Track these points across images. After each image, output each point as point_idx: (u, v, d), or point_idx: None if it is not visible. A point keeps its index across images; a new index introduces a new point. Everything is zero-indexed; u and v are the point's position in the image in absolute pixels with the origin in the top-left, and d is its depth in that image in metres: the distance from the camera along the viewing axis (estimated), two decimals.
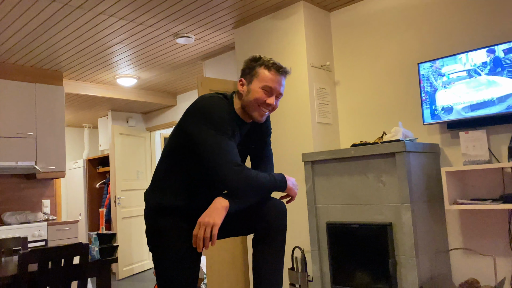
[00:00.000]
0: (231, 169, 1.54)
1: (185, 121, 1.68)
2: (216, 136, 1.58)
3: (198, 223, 1.54)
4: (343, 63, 3.52)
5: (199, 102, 1.66)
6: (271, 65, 1.70)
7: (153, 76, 5.37)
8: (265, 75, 1.69)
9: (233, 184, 1.55)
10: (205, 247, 1.52)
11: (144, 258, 6.47)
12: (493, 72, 2.58)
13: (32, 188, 4.76)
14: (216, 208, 1.55)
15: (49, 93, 4.68)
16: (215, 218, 1.53)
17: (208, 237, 1.52)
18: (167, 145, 1.76)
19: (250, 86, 1.70)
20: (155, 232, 1.72)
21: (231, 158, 1.56)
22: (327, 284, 2.88)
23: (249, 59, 1.75)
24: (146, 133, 6.89)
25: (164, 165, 1.74)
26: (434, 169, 2.83)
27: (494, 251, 2.68)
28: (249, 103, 1.69)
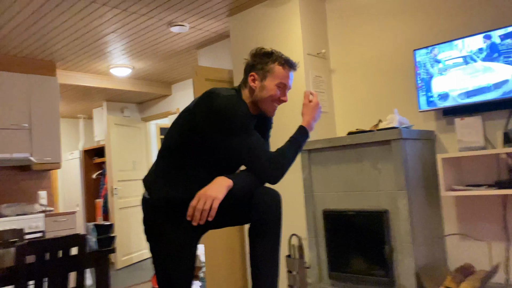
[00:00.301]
0: (271, 168, 1.61)
1: (204, 121, 1.62)
2: (249, 139, 1.60)
3: (198, 195, 1.52)
4: (338, 50, 3.50)
5: (219, 102, 1.60)
6: (285, 61, 1.72)
7: (148, 66, 5.33)
8: (280, 72, 1.70)
9: (275, 178, 1.63)
10: (201, 220, 1.51)
11: (143, 248, 6.50)
12: (489, 58, 2.58)
13: (28, 180, 4.75)
14: (219, 184, 1.55)
15: (42, 84, 4.64)
16: (217, 193, 1.52)
17: (207, 210, 1.50)
18: (175, 137, 1.71)
19: (264, 83, 1.70)
20: (153, 222, 1.71)
21: (267, 156, 1.62)
22: (324, 270, 2.90)
23: (260, 53, 1.73)
24: (141, 123, 6.87)
25: (174, 157, 1.70)
26: (429, 155, 2.84)
27: (489, 237, 2.70)
28: (263, 99, 1.71)
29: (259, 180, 1.64)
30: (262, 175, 1.62)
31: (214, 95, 1.63)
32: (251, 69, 1.73)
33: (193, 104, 1.71)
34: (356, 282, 2.71)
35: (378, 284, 2.61)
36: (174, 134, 1.72)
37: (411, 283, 2.47)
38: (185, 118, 1.70)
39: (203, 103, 1.65)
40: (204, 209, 1.50)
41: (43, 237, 4.25)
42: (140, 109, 7.09)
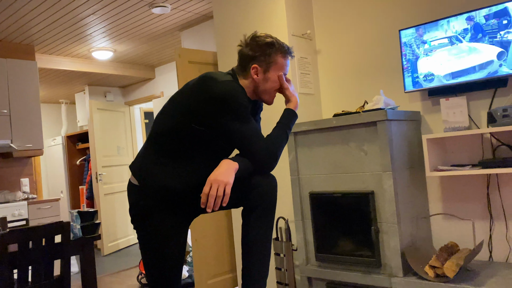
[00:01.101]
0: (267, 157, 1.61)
1: (201, 107, 1.58)
2: (247, 126, 1.60)
3: (209, 181, 1.49)
4: (324, 31, 3.46)
5: (217, 88, 1.56)
6: (286, 51, 1.72)
7: (130, 49, 5.22)
8: (282, 63, 1.72)
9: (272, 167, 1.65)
10: (215, 207, 1.50)
11: (129, 234, 6.47)
12: (474, 39, 2.57)
13: (9, 167, 4.65)
14: (227, 168, 1.53)
15: (21, 68, 4.51)
16: (228, 177, 1.51)
17: (221, 196, 1.49)
18: (169, 123, 1.65)
19: (268, 75, 1.70)
20: (143, 210, 1.67)
21: (263, 144, 1.62)
22: (311, 252, 2.92)
23: (262, 44, 1.69)
24: (125, 108, 6.76)
25: (167, 144, 1.64)
26: (415, 136, 2.85)
27: (473, 215, 2.74)
28: (266, 90, 1.72)
29: (255, 167, 1.63)
30: (257, 164, 1.62)
31: (212, 81, 1.59)
32: (252, 60, 1.68)
33: (188, 88, 1.65)
34: (343, 263, 2.74)
35: (364, 265, 2.64)
36: (167, 120, 1.66)
37: (396, 263, 2.50)
38: (179, 103, 1.64)
39: (199, 89, 1.60)
40: (218, 195, 1.48)
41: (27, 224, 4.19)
42: (123, 93, 6.98)
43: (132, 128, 6.80)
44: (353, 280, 2.66)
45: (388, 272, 2.55)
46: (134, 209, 1.69)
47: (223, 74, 1.67)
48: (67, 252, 2.32)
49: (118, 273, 4.92)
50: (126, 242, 6.44)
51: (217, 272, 3.70)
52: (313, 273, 2.87)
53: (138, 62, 5.91)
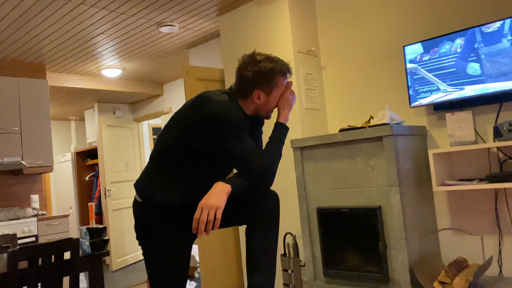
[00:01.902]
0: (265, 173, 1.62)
1: (197, 127, 1.61)
2: (243, 144, 1.60)
3: (200, 206, 1.50)
4: (329, 47, 3.51)
5: (212, 108, 1.59)
6: (286, 71, 1.74)
7: (138, 66, 5.30)
8: (283, 83, 1.74)
9: (269, 184, 1.65)
10: (207, 232, 1.49)
11: (137, 249, 6.48)
12: (480, 54, 2.59)
13: (19, 184, 4.71)
14: (218, 192, 1.53)
15: (32, 86, 4.60)
16: (219, 201, 1.50)
17: (212, 221, 1.48)
18: (169, 141, 1.68)
19: (270, 97, 1.72)
20: (147, 226, 1.69)
21: (259, 161, 1.62)
22: (319, 268, 2.91)
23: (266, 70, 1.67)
24: (133, 124, 6.83)
25: (168, 162, 1.68)
26: (421, 151, 2.85)
27: (482, 230, 2.72)
28: (268, 110, 1.75)
29: (252, 185, 1.63)
30: (254, 181, 1.62)
31: (207, 101, 1.61)
32: (253, 86, 1.68)
33: (186, 108, 1.68)
34: (351, 279, 2.72)
35: (372, 280, 2.62)
36: (167, 138, 1.69)
37: (405, 278, 2.48)
38: (178, 122, 1.68)
39: (195, 108, 1.63)
40: (208, 220, 1.48)
41: (36, 241, 4.22)
42: (132, 109, 7.06)
43: (141, 144, 6.86)
44: None
45: (397, 287, 2.53)
46: (138, 226, 1.71)
47: (219, 93, 1.68)
48: (76, 268, 2.34)
49: None
50: (135, 257, 6.44)
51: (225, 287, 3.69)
52: None
53: (146, 79, 6.00)
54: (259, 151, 1.66)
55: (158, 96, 6.47)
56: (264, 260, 1.69)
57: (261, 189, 1.65)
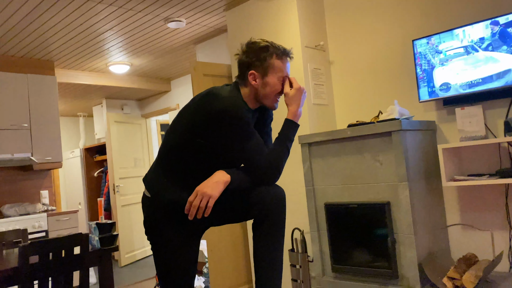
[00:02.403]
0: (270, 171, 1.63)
1: (203, 124, 1.61)
2: (249, 141, 1.60)
3: (196, 191, 1.54)
4: (337, 42, 3.48)
5: (219, 104, 1.58)
6: (282, 53, 1.69)
7: (146, 62, 5.32)
8: (279, 65, 1.69)
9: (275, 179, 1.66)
10: (198, 215, 1.53)
11: (146, 245, 6.52)
12: (491, 47, 2.56)
13: (29, 180, 4.75)
14: (216, 182, 1.55)
15: (41, 83, 4.63)
16: (214, 191, 1.53)
17: (203, 208, 1.52)
18: (176, 138, 1.68)
19: (266, 79, 1.68)
20: (154, 221, 1.71)
21: (266, 158, 1.63)
22: (327, 264, 2.91)
23: (256, 48, 1.68)
24: (141, 120, 6.86)
25: (175, 158, 1.68)
26: (430, 146, 2.83)
27: (492, 226, 2.70)
28: (267, 95, 1.70)
29: (257, 181, 1.64)
30: (259, 177, 1.63)
31: (214, 97, 1.60)
32: (249, 67, 1.68)
33: (193, 103, 1.67)
34: (359, 274, 2.72)
35: (381, 276, 2.61)
36: (174, 135, 1.70)
37: (414, 274, 2.47)
38: (185, 119, 1.67)
39: (202, 105, 1.62)
40: (200, 206, 1.51)
41: (46, 236, 4.26)
42: (140, 105, 7.08)
43: (149, 140, 6.88)
44: None
45: (405, 283, 2.52)
46: (147, 221, 1.72)
47: (226, 89, 1.67)
48: (85, 263, 2.36)
49: (135, 284, 4.95)
50: (143, 253, 6.49)
51: (233, 283, 3.70)
52: (329, 284, 2.86)
53: (154, 75, 6.01)
54: (266, 148, 1.66)
55: (165, 92, 6.49)
56: (269, 259, 1.69)
57: (266, 185, 1.65)
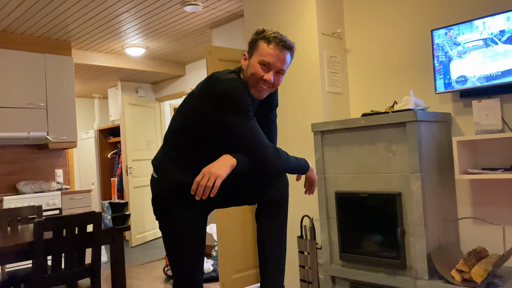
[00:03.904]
0: (271, 154, 1.61)
1: (205, 107, 1.61)
2: (248, 123, 1.58)
3: (203, 171, 1.54)
4: (354, 30, 3.44)
5: (219, 87, 1.58)
6: (272, 38, 1.62)
7: (162, 46, 5.32)
8: (264, 49, 1.62)
9: (274, 167, 1.63)
10: (204, 196, 1.54)
11: (156, 226, 6.61)
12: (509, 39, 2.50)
13: (45, 158, 4.84)
14: (223, 163, 1.56)
15: (58, 63, 4.68)
16: (221, 171, 1.54)
17: (210, 187, 1.52)
18: (180, 122, 1.71)
19: (250, 61, 1.66)
20: (162, 201, 1.74)
21: (267, 143, 1.62)
22: (335, 251, 2.92)
23: (255, 32, 1.68)
24: (155, 103, 6.90)
25: (179, 142, 1.70)
26: (445, 138, 2.80)
27: (504, 220, 2.68)
28: (247, 78, 1.66)
29: (258, 165, 1.63)
30: (260, 160, 1.61)
31: (215, 80, 1.61)
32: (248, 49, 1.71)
33: (197, 89, 1.69)
34: (367, 263, 2.73)
35: (389, 267, 2.62)
36: (179, 119, 1.72)
37: (422, 266, 2.47)
38: (189, 102, 1.70)
39: (204, 89, 1.63)
40: (207, 185, 1.52)
41: (60, 214, 4.35)
42: (154, 89, 7.12)
43: (162, 123, 6.93)
44: (377, 281, 2.65)
45: (413, 274, 2.53)
46: (155, 200, 1.76)
47: (227, 72, 1.66)
48: (98, 241, 2.41)
49: (145, 265, 5.04)
50: (154, 234, 6.59)
51: (242, 267, 3.75)
52: (337, 272, 2.87)
53: (169, 59, 6.02)
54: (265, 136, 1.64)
55: (180, 77, 6.50)
56: (272, 243, 1.74)
57: (264, 170, 1.64)
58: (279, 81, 1.69)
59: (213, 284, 4.01)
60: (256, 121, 1.63)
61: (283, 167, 1.66)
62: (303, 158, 1.79)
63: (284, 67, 1.66)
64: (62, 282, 2.28)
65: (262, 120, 1.83)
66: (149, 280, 4.35)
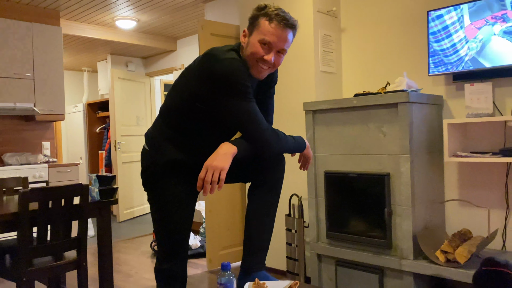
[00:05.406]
0: (270, 136, 1.58)
1: (203, 86, 1.56)
2: (248, 106, 1.53)
3: (205, 166, 1.49)
4: (350, 9, 3.39)
5: (219, 67, 1.51)
6: (274, 16, 1.53)
7: (153, 19, 5.21)
8: (265, 27, 1.54)
9: (273, 149, 1.60)
10: (211, 191, 1.49)
11: (145, 202, 6.60)
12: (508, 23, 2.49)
13: (32, 130, 4.76)
14: (224, 153, 1.51)
15: (46, 33, 4.56)
16: (224, 163, 1.49)
17: (216, 181, 1.48)
18: (177, 99, 1.66)
19: (250, 38, 1.58)
20: (152, 174, 1.71)
21: (266, 125, 1.58)
22: (322, 230, 2.94)
23: (255, 7, 1.60)
24: (145, 78, 6.80)
25: (175, 119, 1.67)
26: (436, 120, 2.80)
27: (489, 203, 2.71)
28: (247, 57, 1.58)
29: (257, 148, 1.59)
30: (259, 143, 1.57)
31: (213, 59, 1.54)
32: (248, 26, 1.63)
33: (194, 65, 1.64)
34: (353, 242, 2.76)
35: (375, 246, 2.65)
36: (174, 95, 1.68)
37: (408, 246, 2.50)
38: (186, 79, 1.64)
39: (201, 67, 1.57)
40: (212, 180, 1.47)
41: None
42: (144, 63, 7.00)
43: (152, 99, 6.84)
44: (362, 260, 2.68)
45: (398, 254, 2.56)
46: (145, 173, 1.73)
47: (226, 50, 1.58)
48: (85, 213, 2.39)
49: (132, 239, 5.05)
50: (142, 210, 6.58)
51: (229, 244, 3.77)
52: (323, 250, 2.90)
53: (160, 33, 5.91)
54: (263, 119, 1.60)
55: (171, 52, 6.39)
56: (262, 218, 1.73)
57: (265, 149, 1.61)
58: (280, 61, 1.62)
59: (200, 260, 4.04)
60: (255, 103, 1.58)
61: (281, 149, 1.64)
62: (300, 136, 1.76)
63: (285, 46, 1.59)
64: (48, 253, 2.26)
65: (261, 97, 1.78)
66: (136, 254, 4.36)
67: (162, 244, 1.74)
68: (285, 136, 1.66)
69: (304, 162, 1.84)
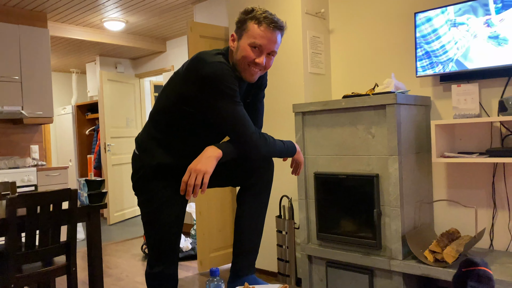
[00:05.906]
0: (257, 139, 1.58)
1: (191, 90, 1.57)
2: (234, 109, 1.54)
3: (189, 169, 1.50)
4: (338, 10, 3.41)
5: (205, 70, 1.52)
6: (263, 19, 1.55)
7: (142, 20, 5.18)
8: (254, 30, 1.55)
9: (260, 153, 1.61)
10: (194, 195, 1.50)
11: (135, 204, 6.57)
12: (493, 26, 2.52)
13: (19, 134, 4.71)
14: (208, 157, 1.52)
15: (33, 35, 4.51)
16: (207, 166, 1.50)
17: (199, 185, 1.49)
18: (166, 103, 1.66)
19: (239, 43, 1.59)
20: (142, 178, 1.71)
21: (253, 129, 1.59)
22: (312, 231, 2.96)
23: (243, 11, 1.60)
24: (135, 80, 6.76)
25: (164, 122, 1.67)
26: (424, 121, 2.83)
27: (477, 203, 2.74)
28: (238, 61, 1.59)
29: (244, 151, 1.60)
30: (246, 146, 1.58)
31: (200, 63, 1.54)
32: (235, 30, 1.64)
33: (182, 69, 1.64)
34: (343, 243, 2.77)
35: (364, 246, 2.67)
36: (163, 99, 1.69)
37: (397, 246, 2.53)
38: (174, 83, 1.65)
39: (189, 71, 1.58)
40: (196, 184, 1.48)
41: (36, 190, 4.27)
42: (134, 65, 6.96)
43: (142, 100, 6.81)
44: (352, 261, 2.70)
45: (388, 254, 2.58)
46: (135, 177, 1.74)
47: (214, 53, 1.59)
48: (73, 218, 2.38)
49: (123, 242, 5.02)
50: (132, 212, 6.55)
51: (220, 246, 3.77)
52: (313, 251, 2.91)
53: (149, 34, 5.88)
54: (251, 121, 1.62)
55: (160, 53, 6.36)
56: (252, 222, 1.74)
57: (252, 152, 1.62)
58: (271, 63, 1.63)
59: (191, 262, 4.03)
60: (242, 106, 1.59)
61: (269, 152, 1.65)
62: (290, 141, 1.78)
63: (275, 48, 1.60)
64: (37, 259, 2.24)
65: (251, 101, 1.79)
66: (127, 257, 4.34)
67: (153, 247, 1.74)
68: (274, 140, 1.67)
69: (296, 167, 1.85)
